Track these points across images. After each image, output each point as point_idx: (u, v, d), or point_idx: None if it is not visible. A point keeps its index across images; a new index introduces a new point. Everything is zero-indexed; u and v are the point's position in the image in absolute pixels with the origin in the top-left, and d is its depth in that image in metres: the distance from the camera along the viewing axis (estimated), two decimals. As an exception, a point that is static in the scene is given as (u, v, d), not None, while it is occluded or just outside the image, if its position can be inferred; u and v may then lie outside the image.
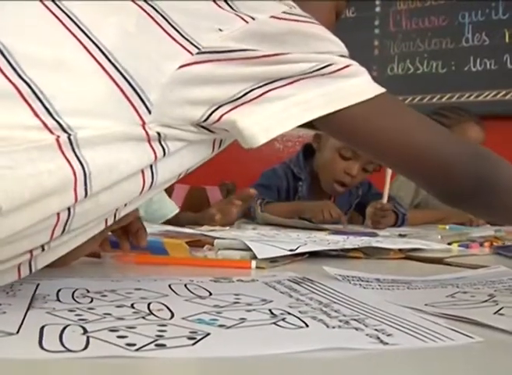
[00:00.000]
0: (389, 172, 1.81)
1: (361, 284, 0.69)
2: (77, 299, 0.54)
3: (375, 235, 1.43)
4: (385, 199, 1.83)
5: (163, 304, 0.52)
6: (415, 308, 0.55)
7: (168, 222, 1.80)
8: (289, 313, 0.50)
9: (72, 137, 0.50)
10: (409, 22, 3.46)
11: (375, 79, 0.69)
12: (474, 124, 2.39)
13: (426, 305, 0.57)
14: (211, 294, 0.59)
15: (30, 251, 0.53)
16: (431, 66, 3.36)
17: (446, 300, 0.62)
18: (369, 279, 0.73)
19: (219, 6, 0.59)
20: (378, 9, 3.58)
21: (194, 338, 0.40)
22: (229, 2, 0.60)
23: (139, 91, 0.54)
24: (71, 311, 0.48)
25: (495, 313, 0.55)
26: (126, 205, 0.59)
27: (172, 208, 1.83)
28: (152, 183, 0.58)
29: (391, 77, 3.50)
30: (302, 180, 2.09)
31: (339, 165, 1.99)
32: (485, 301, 0.61)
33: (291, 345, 0.41)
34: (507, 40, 3.13)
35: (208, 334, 0.42)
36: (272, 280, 0.68)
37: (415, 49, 3.42)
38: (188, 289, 0.60)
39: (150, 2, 0.58)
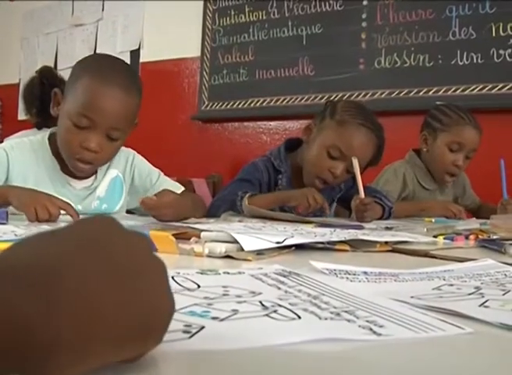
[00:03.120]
0: (357, 167, 1.84)
1: (348, 277, 0.70)
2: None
3: (361, 228, 1.44)
4: (361, 194, 1.84)
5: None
6: (401, 301, 0.55)
7: None
8: (279, 305, 0.50)
9: None
10: (396, 15, 3.47)
11: (362, 72, 0.68)
12: (472, 128, 2.40)
13: (412, 297, 0.58)
14: (199, 286, 0.58)
15: None
16: (418, 60, 3.37)
17: (432, 292, 0.62)
18: (356, 272, 0.73)
19: None
20: (365, 3, 3.59)
21: (190, 332, 0.40)
22: None
23: None
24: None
25: (480, 306, 0.55)
26: None
27: None
28: None
29: (378, 70, 3.50)
30: (282, 173, 2.09)
31: (325, 162, 1.99)
32: (471, 293, 0.62)
33: (287, 337, 0.41)
34: (494, 34, 3.14)
35: (203, 328, 0.42)
36: (258, 273, 0.68)
37: (402, 42, 3.43)
38: (176, 281, 0.60)
39: None
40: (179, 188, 1.80)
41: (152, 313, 0.32)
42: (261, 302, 0.51)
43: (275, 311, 0.48)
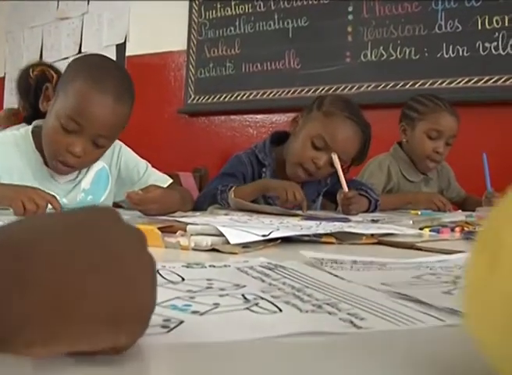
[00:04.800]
0: (337, 161, 1.86)
1: (333, 266, 0.70)
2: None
3: (347, 220, 1.44)
4: (345, 188, 1.86)
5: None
6: (371, 287, 0.55)
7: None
8: (262, 298, 0.50)
9: None
10: (382, 8, 3.47)
11: (348, 65, 0.68)
12: (448, 115, 2.41)
13: (382, 284, 0.58)
14: (183, 279, 0.58)
15: None
16: (404, 53, 3.38)
17: (408, 280, 0.62)
18: (343, 261, 0.74)
19: None
20: (351, -5, 3.59)
21: (168, 326, 0.40)
22: None
23: None
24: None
25: (445, 293, 0.55)
26: None
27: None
28: None
29: (364, 64, 3.51)
30: (266, 166, 2.08)
31: (309, 152, 1.99)
32: (448, 282, 0.62)
33: (265, 330, 0.41)
34: (480, 27, 3.15)
35: (182, 322, 0.42)
36: (244, 266, 0.68)
37: (388, 36, 3.43)
38: (160, 275, 0.60)
39: None
40: (167, 181, 1.79)
41: (128, 305, 0.31)
42: (243, 295, 0.51)
43: (256, 304, 0.48)
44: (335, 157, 1.89)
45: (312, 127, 2.00)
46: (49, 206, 1.36)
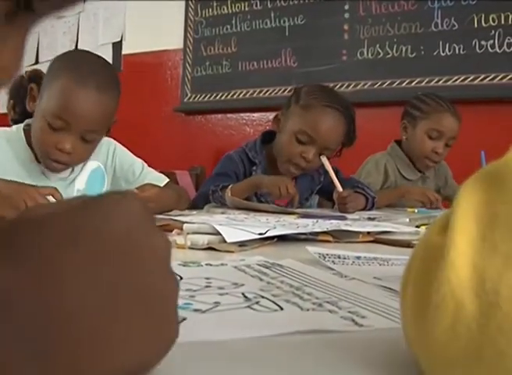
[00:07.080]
0: (328, 164, 1.87)
1: (334, 261, 0.70)
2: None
3: (344, 218, 1.44)
4: (339, 188, 1.86)
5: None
6: (362, 281, 0.55)
7: None
8: (262, 296, 0.50)
9: None
10: (378, 6, 3.46)
11: (344, 63, 0.68)
12: (450, 116, 2.42)
13: (374, 277, 0.58)
14: (181, 278, 0.58)
15: None
16: (400, 51, 3.37)
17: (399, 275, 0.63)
18: (347, 256, 0.74)
19: None
20: (347, -7, 3.58)
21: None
22: None
23: None
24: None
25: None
26: None
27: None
28: None
29: (361, 62, 3.50)
30: (256, 164, 2.09)
31: (296, 148, 1.99)
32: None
33: (267, 328, 0.41)
34: (476, 25, 3.15)
35: (185, 319, 0.42)
36: (241, 264, 0.68)
37: (385, 33, 3.43)
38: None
39: None
40: (163, 180, 1.79)
41: (149, 354, 0.28)
42: (243, 294, 0.51)
43: (257, 302, 0.48)
44: (324, 159, 1.90)
45: (294, 123, 2.01)
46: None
